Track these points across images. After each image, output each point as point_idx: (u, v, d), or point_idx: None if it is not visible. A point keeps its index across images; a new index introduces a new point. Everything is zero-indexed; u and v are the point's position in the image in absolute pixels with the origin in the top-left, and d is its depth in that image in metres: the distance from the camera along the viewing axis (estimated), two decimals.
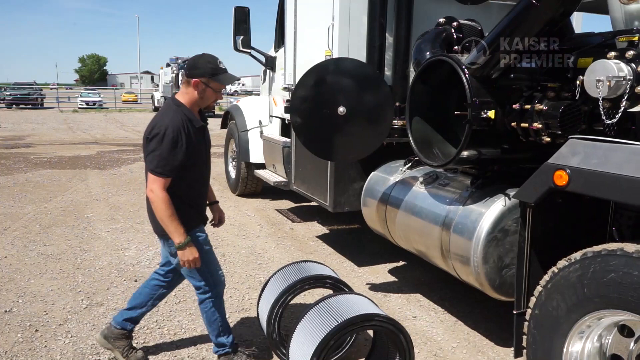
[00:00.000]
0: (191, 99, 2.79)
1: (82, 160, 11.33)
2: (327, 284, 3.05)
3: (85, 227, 6.00)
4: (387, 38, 4.28)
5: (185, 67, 2.80)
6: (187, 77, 2.78)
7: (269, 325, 3.03)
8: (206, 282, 2.93)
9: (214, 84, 2.79)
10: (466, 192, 3.33)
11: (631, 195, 1.98)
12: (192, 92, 2.78)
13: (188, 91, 2.79)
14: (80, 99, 35.93)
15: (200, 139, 2.89)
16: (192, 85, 2.76)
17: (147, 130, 2.76)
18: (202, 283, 2.94)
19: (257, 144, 7.07)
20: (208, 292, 2.95)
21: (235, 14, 6.54)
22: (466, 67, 2.94)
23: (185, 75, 2.81)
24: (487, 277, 3.09)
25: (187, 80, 2.79)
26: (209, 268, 2.94)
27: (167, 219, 2.68)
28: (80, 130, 19.27)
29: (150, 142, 2.69)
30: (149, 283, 3.18)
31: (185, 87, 2.80)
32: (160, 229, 2.81)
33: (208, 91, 2.79)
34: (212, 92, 2.81)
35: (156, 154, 2.67)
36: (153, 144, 2.67)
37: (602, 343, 2.22)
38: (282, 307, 3.01)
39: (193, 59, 2.84)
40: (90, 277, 4.48)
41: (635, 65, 2.07)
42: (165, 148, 2.65)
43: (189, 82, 2.77)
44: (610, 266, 2.00)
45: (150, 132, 2.71)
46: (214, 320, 2.99)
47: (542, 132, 2.72)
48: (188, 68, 2.80)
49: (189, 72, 2.78)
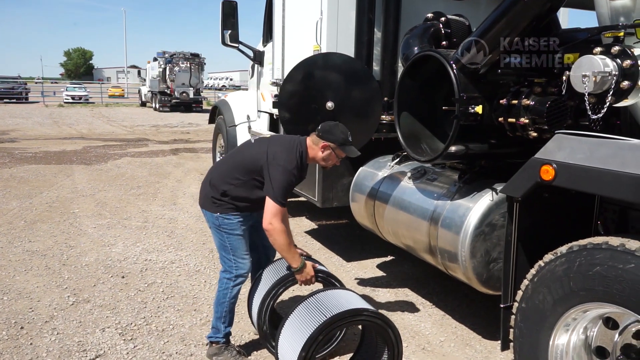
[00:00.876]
0: (315, 155, 3.03)
1: (68, 155, 11.20)
2: (318, 277, 3.05)
3: (71, 223, 5.94)
4: (375, 33, 4.28)
5: (321, 130, 3.01)
6: (319, 138, 3.00)
7: (259, 318, 3.03)
8: (229, 264, 3.07)
9: (339, 152, 3.02)
10: (454, 187, 3.35)
11: (615, 189, 2.00)
12: (318, 151, 3.01)
13: (315, 148, 3.02)
14: (65, 93, 35.44)
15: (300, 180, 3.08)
16: (321, 147, 2.99)
17: (267, 156, 2.91)
18: (226, 264, 3.09)
19: (245, 139, 7.03)
20: (228, 274, 3.08)
21: (223, 8, 6.48)
22: (454, 62, 2.94)
23: (319, 137, 3.00)
24: (475, 272, 3.11)
25: (318, 140, 3.00)
26: (235, 253, 3.06)
27: (287, 249, 2.88)
28: (66, 125, 19.04)
29: (272, 168, 2.85)
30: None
31: (313, 143, 3.02)
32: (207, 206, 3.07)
33: (332, 155, 3.03)
34: (334, 157, 3.05)
35: (282, 183, 2.83)
36: (276, 173, 2.84)
37: (588, 335, 2.25)
38: (273, 300, 3.01)
39: (330, 125, 3.04)
40: (77, 274, 4.44)
41: (620, 60, 2.09)
42: (288, 180, 2.86)
43: (318, 142, 3.00)
44: (595, 260, 2.02)
45: (273, 159, 2.88)
46: (221, 303, 3.09)
47: (528, 127, 2.74)
48: (323, 131, 2.99)
49: (323, 134, 2.99)
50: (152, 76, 30.22)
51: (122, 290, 4.12)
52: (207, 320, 3.67)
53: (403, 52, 3.65)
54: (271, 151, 2.91)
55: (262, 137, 3.16)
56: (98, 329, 3.49)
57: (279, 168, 2.84)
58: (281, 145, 2.98)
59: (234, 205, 3.01)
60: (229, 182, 2.99)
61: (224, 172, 3.06)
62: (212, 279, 4.40)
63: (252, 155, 3.00)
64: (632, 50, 2.09)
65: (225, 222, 3.01)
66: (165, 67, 27.90)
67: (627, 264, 1.90)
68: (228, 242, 3.04)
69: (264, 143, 3.06)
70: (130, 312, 3.75)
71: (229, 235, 3.03)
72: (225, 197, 2.99)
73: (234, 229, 3.03)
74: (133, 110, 29.77)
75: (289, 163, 2.86)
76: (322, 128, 3.01)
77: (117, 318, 3.65)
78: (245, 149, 3.16)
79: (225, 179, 3.01)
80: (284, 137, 3.21)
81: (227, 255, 3.07)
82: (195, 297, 4.05)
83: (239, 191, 2.98)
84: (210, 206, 3.05)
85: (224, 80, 71.11)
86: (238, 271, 3.07)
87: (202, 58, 29.12)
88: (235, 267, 3.07)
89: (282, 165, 2.84)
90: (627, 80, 2.07)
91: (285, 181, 2.84)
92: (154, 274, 4.49)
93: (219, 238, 3.08)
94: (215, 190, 3.01)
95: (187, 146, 13.41)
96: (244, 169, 2.98)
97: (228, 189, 2.98)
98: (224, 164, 3.16)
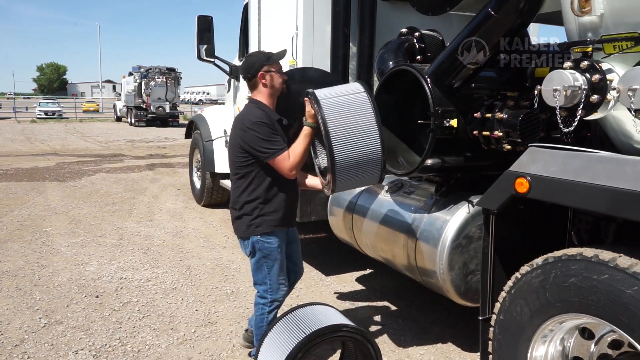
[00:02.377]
0: (266, 94, 2.93)
1: (41, 172, 10.96)
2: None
3: (43, 242, 5.79)
4: (350, 48, 4.31)
5: (243, 74, 2.93)
6: (249, 80, 2.92)
7: None
8: (264, 287, 3.01)
9: (271, 67, 2.91)
10: (431, 200, 3.37)
11: (588, 201, 2.03)
12: (262, 88, 2.92)
13: (260, 90, 2.93)
14: (38, 108, 34.81)
15: (282, 134, 2.94)
16: (261, 83, 2.90)
17: (235, 135, 2.87)
18: (261, 288, 3.03)
19: (222, 154, 6.99)
20: (263, 299, 3.03)
21: (199, 23, 6.46)
22: (429, 76, 2.97)
23: (248, 80, 2.93)
24: (453, 284, 3.12)
25: (252, 83, 2.93)
26: (272, 278, 2.99)
27: (305, 148, 2.81)
28: (38, 141, 18.67)
29: (245, 137, 2.79)
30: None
31: (254, 89, 2.95)
32: (241, 231, 2.96)
33: (272, 76, 2.91)
34: (275, 76, 2.93)
35: (262, 138, 2.77)
36: (249, 136, 2.78)
37: (565, 346, 2.27)
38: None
39: (244, 64, 2.97)
40: (49, 294, 4.32)
41: (589, 75, 2.13)
42: (263, 131, 2.77)
43: (255, 84, 2.92)
44: (570, 271, 2.04)
45: (239, 131, 2.84)
46: (259, 327, 3.04)
47: (502, 140, 2.78)
48: (245, 71, 2.92)
49: (246, 74, 2.91)
50: (127, 91, 29.90)
51: (96, 311, 4.02)
52: (185, 339, 3.60)
53: (378, 66, 3.68)
54: (234, 129, 2.90)
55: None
56: (71, 351, 3.39)
57: (248, 131, 2.78)
58: (236, 119, 2.96)
59: (267, 218, 2.92)
60: (240, 188, 2.93)
61: (235, 190, 2.98)
62: (189, 297, 4.33)
63: (229, 151, 2.97)
64: (600, 65, 2.13)
65: (265, 245, 2.94)
66: (141, 81, 27.66)
67: (601, 274, 1.92)
68: (266, 267, 2.97)
69: (231, 132, 3.01)
70: (104, 332, 3.66)
71: (266, 260, 2.96)
72: (254, 208, 2.90)
73: (272, 252, 2.96)
74: (108, 125, 29.38)
75: (249, 121, 2.80)
76: (242, 71, 2.96)
77: (90, 339, 3.55)
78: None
79: (236, 191, 2.96)
80: (235, 117, 3.11)
81: (264, 280, 3.00)
82: (172, 316, 3.97)
83: (256, 192, 2.89)
84: (245, 230, 2.95)
85: (201, 95, 70.87)
86: (273, 296, 3.02)
87: (179, 72, 28.97)
88: (270, 292, 3.01)
89: (247, 127, 2.79)
90: (597, 94, 2.11)
91: (262, 134, 2.77)
92: (130, 293, 4.39)
93: (255, 262, 2.99)
94: (240, 208, 2.94)
95: (164, 161, 13.26)
96: (234, 164, 2.92)
97: (247, 197, 2.91)
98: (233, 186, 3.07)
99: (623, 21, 2.08)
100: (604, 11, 2.13)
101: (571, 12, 2.25)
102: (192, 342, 3.58)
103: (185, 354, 3.41)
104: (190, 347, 3.51)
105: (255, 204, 2.90)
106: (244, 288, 4.56)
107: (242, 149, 2.85)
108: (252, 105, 2.95)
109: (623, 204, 1.88)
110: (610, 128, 2.32)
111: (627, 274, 1.84)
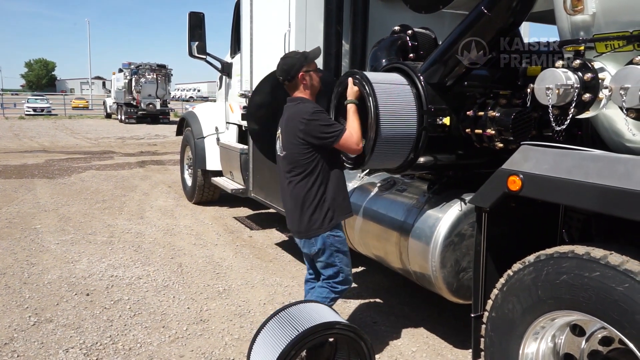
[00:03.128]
0: (310, 93, 2.99)
1: (30, 169, 10.85)
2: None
3: (32, 240, 5.73)
4: (343, 45, 4.30)
5: (282, 75, 2.97)
6: (289, 82, 2.97)
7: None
8: (338, 279, 3.04)
9: (309, 67, 2.99)
10: (423, 198, 3.38)
11: (579, 199, 2.04)
12: (304, 88, 2.98)
13: (302, 91, 2.98)
14: (27, 105, 34.48)
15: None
16: (302, 83, 2.96)
17: (297, 133, 2.86)
18: (334, 280, 3.04)
19: (213, 151, 6.97)
20: (335, 289, 3.05)
21: (190, 19, 6.44)
22: (421, 74, 2.98)
23: (288, 81, 2.97)
24: (445, 281, 3.14)
25: (293, 84, 2.98)
26: (343, 270, 3.04)
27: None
28: (27, 137, 18.48)
29: (311, 129, 2.82)
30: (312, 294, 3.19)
31: (295, 89, 2.99)
32: (311, 230, 2.95)
33: (311, 76, 2.99)
34: (314, 76, 3.00)
35: (327, 124, 2.84)
36: (316, 126, 2.81)
37: (556, 343, 2.28)
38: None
39: (283, 65, 2.99)
40: (38, 292, 4.28)
41: (581, 74, 2.14)
42: (324, 118, 2.86)
43: (296, 84, 2.97)
44: (562, 268, 2.06)
45: (304, 127, 2.83)
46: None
47: (495, 138, 2.79)
48: (284, 73, 2.96)
49: (286, 76, 2.96)
50: (117, 87, 29.70)
51: (86, 309, 3.99)
52: (176, 337, 3.59)
53: (371, 64, 3.68)
54: (291, 129, 2.89)
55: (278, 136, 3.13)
56: (61, 349, 3.36)
57: (310, 123, 2.82)
58: (289, 120, 2.94)
59: (336, 211, 2.96)
60: (306, 186, 2.91)
61: (299, 190, 2.95)
62: (180, 295, 4.31)
63: (287, 153, 2.94)
64: (592, 64, 2.14)
65: (335, 240, 2.98)
66: (131, 78, 27.49)
67: (592, 272, 1.94)
68: (338, 261, 3.01)
69: (284, 133, 2.98)
70: (95, 331, 3.63)
71: (338, 253, 3.00)
72: (324, 203, 2.92)
73: (342, 244, 3.02)
74: (98, 122, 29.17)
75: (307, 113, 2.84)
76: (282, 73, 2.98)
77: (81, 338, 3.53)
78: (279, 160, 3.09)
79: (300, 190, 2.93)
80: (285, 117, 3.06)
81: (337, 273, 3.03)
82: (164, 314, 3.95)
83: (323, 186, 2.92)
84: (317, 228, 2.95)
85: (192, 92, 70.54)
86: (344, 285, 3.07)
87: (169, 69, 28.82)
88: (343, 283, 3.05)
89: (307, 119, 2.82)
90: (589, 93, 2.12)
91: (323, 121, 2.84)
92: (121, 291, 4.36)
93: (326, 258, 3.00)
94: (309, 206, 2.93)
95: (154, 158, 13.18)
96: (297, 163, 2.91)
97: (316, 193, 2.91)
98: (289, 188, 3.01)
99: (615, 20, 2.09)
100: (596, 10, 2.14)
101: (563, 10, 2.26)
102: (184, 340, 3.56)
103: (177, 352, 3.39)
104: (182, 345, 3.50)
105: (325, 198, 2.93)
106: (236, 285, 4.55)
107: (306, 144, 2.86)
108: (299, 102, 2.97)
109: (614, 202, 1.90)
110: (602, 126, 2.33)
111: (618, 272, 1.86)
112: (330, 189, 2.94)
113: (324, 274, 3.09)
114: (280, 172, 3.08)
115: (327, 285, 3.08)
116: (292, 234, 3.16)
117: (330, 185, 2.94)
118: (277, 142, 3.08)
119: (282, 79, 2.99)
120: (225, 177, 6.80)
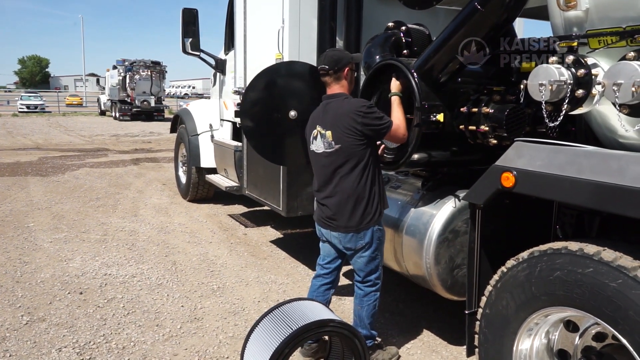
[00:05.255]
0: (346, 88, 3.07)
1: (23, 166, 10.79)
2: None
3: (25, 238, 5.70)
4: (337, 42, 4.29)
5: (329, 64, 2.99)
6: (336, 72, 3.00)
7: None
8: (378, 274, 3.08)
9: (352, 66, 3.11)
10: (417, 195, 3.37)
11: (572, 195, 2.04)
12: (348, 82, 3.07)
13: (345, 85, 3.06)
14: (20, 102, 34.27)
15: None
16: (347, 80, 3.06)
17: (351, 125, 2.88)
18: (374, 276, 3.07)
19: (208, 149, 6.94)
20: (376, 285, 3.09)
21: (184, 16, 6.40)
22: (415, 70, 2.97)
23: (334, 71, 3.00)
24: (439, 278, 3.13)
25: (337, 75, 3.02)
26: (381, 264, 3.10)
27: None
28: (20, 135, 18.37)
29: (367, 120, 2.86)
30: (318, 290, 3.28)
31: (337, 83, 3.04)
32: (362, 223, 2.94)
33: (353, 74, 3.11)
34: (353, 75, 3.14)
35: (380, 116, 2.91)
36: (373, 117, 2.88)
37: (550, 339, 2.29)
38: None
39: (333, 54, 3.08)
40: (31, 291, 4.25)
41: (575, 70, 2.14)
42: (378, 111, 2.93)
43: (340, 76, 3.02)
44: (555, 264, 2.05)
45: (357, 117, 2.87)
46: (373, 314, 3.09)
47: (489, 135, 2.78)
48: (334, 62, 3.00)
49: (336, 66, 3.00)
50: (111, 84, 29.57)
51: (80, 307, 3.97)
52: (170, 335, 3.57)
53: (365, 60, 3.66)
54: (346, 121, 2.88)
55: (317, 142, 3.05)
56: (54, 349, 3.34)
57: (368, 115, 2.86)
58: (341, 114, 2.92)
59: (383, 203, 3.03)
60: (357, 179, 2.91)
61: (350, 183, 2.92)
62: (174, 293, 4.30)
63: (340, 144, 2.91)
64: (585, 60, 2.14)
65: (381, 233, 3.05)
66: (126, 75, 27.35)
67: (585, 268, 1.94)
68: (379, 254, 3.06)
69: (333, 129, 2.93)
70: (88, 329, 3.61)
71: (380, 247, 3.06)
72: (374, 195, 2.95)
73: (384, 237, 3.11)
74: (92, 119, 29.03)
75: (363, 106, 2.88)
76: (330, 62, 3.00)
77: (74, 337, 3.51)
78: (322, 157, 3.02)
79: (352, 182, 2.92)
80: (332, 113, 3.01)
81: (377, 267, 3.07)
82: (158, 312, 3.94)
83: (372, 177, 2.94)
84: (369, 222, 2.95)
85: (186, 88, 70.29)
86: (381, 279, 3.11)
87: (164, 66, 28.70)
88: (380, 276, 3.11)
89: (365, 112, 2.86)
90: (582, 89, 2.12)
91: (378, 112, 2.91)
92: (114, 289, 4.34)
93: (371, 252, 3.01)
94: (362, 199, 2.92)
95: (149, 156, 13.13)
96: (350, 155, 2.90)
97: (366, 184, 2.93)
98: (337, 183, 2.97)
99: (608, 16, 2.09)
100: (589, 6, 2.14)
101: (557, 6, 2.26)
102: (178, 338, 3.55)
103: (171, 350, 3.38)
104: (176, 343, 3.48)
105: (375, 190, 2.96)
106: (230, 284, 4.54)
107: (361, 135, 2.87)
108: (345, 97, 3.01)
109: (607, 198, 1.90)
110: (595, 123, 2.33)
111: (611, 267, 1.86)
112: (378, 182, 2.99)
113: (363, 270, 3.05)
114: (321, 169, 3.04)
115: (369, 289, 3.07)
116: (333, 230, 3.03)
117: (378, 178, 2.99)
118: (317, 140, 3.03)
119: (328, 67, 3.00)
120: (220, 174, 6.78)
